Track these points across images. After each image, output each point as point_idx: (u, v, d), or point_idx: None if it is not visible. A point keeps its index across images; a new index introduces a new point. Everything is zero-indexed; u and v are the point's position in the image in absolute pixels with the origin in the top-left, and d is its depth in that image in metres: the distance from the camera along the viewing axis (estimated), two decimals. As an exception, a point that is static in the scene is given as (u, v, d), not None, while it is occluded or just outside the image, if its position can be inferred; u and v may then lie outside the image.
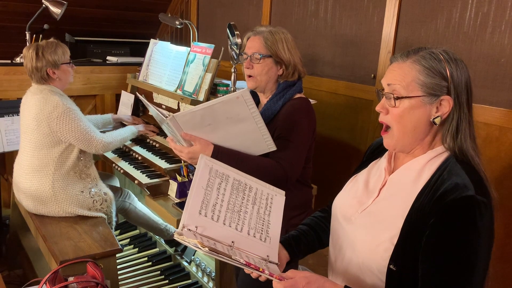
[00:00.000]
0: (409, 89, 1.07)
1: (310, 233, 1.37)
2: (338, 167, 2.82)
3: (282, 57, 1.77)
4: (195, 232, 1.06)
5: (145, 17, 4.28)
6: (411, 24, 2.34)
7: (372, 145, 1.38)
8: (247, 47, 1.82)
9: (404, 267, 1.05)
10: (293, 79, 1.82)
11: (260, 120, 1.48)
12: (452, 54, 1.09)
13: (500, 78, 1.98)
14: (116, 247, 2.11)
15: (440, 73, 1.06)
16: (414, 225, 1.04)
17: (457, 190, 1.00)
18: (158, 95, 2.82)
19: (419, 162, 1.13)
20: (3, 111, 2.81)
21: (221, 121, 1.45)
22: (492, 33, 2.00)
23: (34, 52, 2.29)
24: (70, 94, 2.44)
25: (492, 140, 2.00)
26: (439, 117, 1.07)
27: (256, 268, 1.02)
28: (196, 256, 2.58)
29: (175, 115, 1.41)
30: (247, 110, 1.42)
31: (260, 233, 1.17)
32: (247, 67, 1.80)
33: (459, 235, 0.98)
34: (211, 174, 1.22)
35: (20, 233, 2.83)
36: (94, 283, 1.60)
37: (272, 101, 1.80)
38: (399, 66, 1.10)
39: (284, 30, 1.82)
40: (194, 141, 1.50)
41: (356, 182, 1.29)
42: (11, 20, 3.68)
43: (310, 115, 1.80)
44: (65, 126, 2.25)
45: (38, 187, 2.28)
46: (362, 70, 2.64)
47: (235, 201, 1.20)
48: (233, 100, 1.38)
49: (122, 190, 2.73)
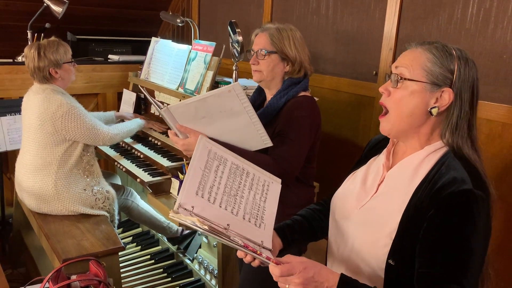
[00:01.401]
0: (414, 73, 1.09)
1: (304, 224, 1.37)
2: (340, 165, 2.81)
3: (288, 54, 1.77)
4: (191, 212, 1.06)
5: (146, 15, 4.28)
6: (413, 20, 2.33)
7: (370, 142, 1.39)
8: (254, 43, 1.84)
9: (402, 262, 1.05)
10: (298, 76, 1.82)
11: (253, 115, 1.47)
12: (465, 53, 1.11)
13: (503, 74, 1.97)
14: (118, 245, 2.11)
15: (448, 65, 1.07)
16: (412, 220, 1.05)
17: (455, 184, 1.00)
18: (160, 93, 2.82)
19: (417, 157, 1.13)
20: (5, 110, 2.82)
21: (215, 114, 1.45)
22: (494, 29, 1.99)
23: (36, 52, 2.27)
24: (72, 92, 2.45)
25: (494, 137, 1.99)
26: (436, 107, 1.08)
27: (253, 251, 1.01)
28: (199, 253, 2.58)
29: (169, 107, 1.42)
30: (240, 104, 1.42)
31: (255, 218, 1.17)
32: (253, 63, 1.81)
33: (456, 229, 0.99)
34: (210, 156, 1.22)
35: (23, 232, 2.84)
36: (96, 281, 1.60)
37: (276, 98, 1.80)
38: (412, 51, 1.13)
39: (293, 27, 1.82)
40: (189, 133, 1.51)
41: (355, 179, 1.29)
42: (13, 19, 3.68)
43: (313, 114, 1.78)
44: (71, 124, 2.25)
45: (41, 186, 2.28)
46: (364, 67, 2.63)
47: (232, 185, 1.20)
48: (225, 94, 1.39)
49: (125, 188, 2.74)
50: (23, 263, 2.87)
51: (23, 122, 2.40)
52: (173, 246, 2.88)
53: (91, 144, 2.38)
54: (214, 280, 2.44)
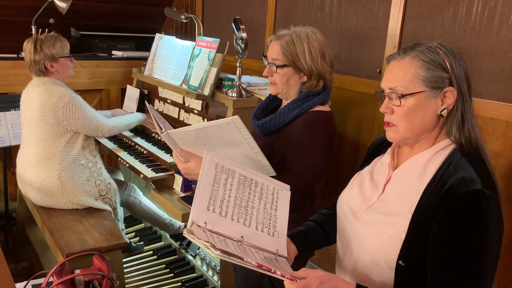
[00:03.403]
0: (412, 86, 1.07)
1: (318, 229, 1.37)
2: (343, 162, 2.82)
3: (302, 68, 1.61)
4: (204, 228, 1.06)
5: (150, 12, 4.28)
6: (417, 18, 2.32)
7: (374, 142, 1.38)
8: (268, 51, 1.68)
9: (412, 263, 1.04)
10: (317, 89, 1.65)
11: (255, 147, 1.43)
12: (449, 47, 1.09)
13: (507, 73, 1.97)
14: (121, 240, 2.12)
15: (440, 65, 1.06)
16: (422, 221, 1.04)
17: (464, 184, 0.99)
18: (164, 89, 2.82)
19: (424, 156, 1.12)
20: (10, 105, 2.83)
21: (216, 142, 1.42)
22: (499, 28, 1.98)
23: (32, 46, 2.33)
24: (76, 88, 2.46)
25: (498, 136, 1.99)
26: (445, 109, 1.07)
27: (268, 270, 1.01)
28: (201, 250, 2.59)
29: (170, 132, 1.40)
30: (240, 136, 1.39)
31: (268, 227, 1.17)
32: (266, 75, 1.69)
33: (468, 230, 0.98)
34: (217, 170, 1.21)
35: (27, 226, 2.86)
36: (100, 275, 1.61)
37: (288, 108, 1.64)
38: (398, 64, 1.10)
39: (312, 33, 1.62)
40: (190, 158, 1.47)
41: (360, 179, 1.28)
42: (17, 15, 3.69)
43: (326, 131, 1.61)
44: (72, 115, 2.28)
45: (45, 179, 2.30)
46: (368, 65, 2.63)
47: (242, 196, 1.20)
48: (225, 126, 1.36)
49: (127, 184, 2.75)
50: (26, 258, 2.89)
51: (22, 116, 2.42)
52: (175, 242, 2.89)
53: (90, 136, 2.41)
54: (216, 276, 2.45)
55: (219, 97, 2.39)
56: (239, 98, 2.28)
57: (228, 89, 2.37)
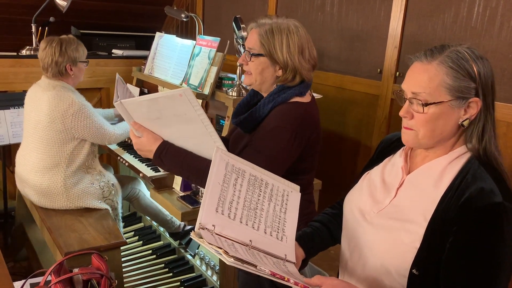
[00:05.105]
0: (436, 94, 1.02)
1: (323, 229, 1.34)
2: (343, 162, 2.81)
3: (277, 59, 1.55)
4: (212, 232, 1.02)
5: (150, 10, 4.27)
6: (418, 18, 2.32)
7: (383, 141, 1.34)
8: (247, 39, 1.63)
9: (426, 272, 1.02)
10: (293, 84, 1.58)
11: (208, 124, 1.37)
12: (477, 52, 1.05)
13: (509, 73, 1.96)
14: (120, 239, 2.12)
15: (468, 74, 1.01)
16: (438, 230, 1.01)
17: (483, 196, 0.97)
18: (164, 88, 2.81)
19: (440, 163, 1.08)
20: (9, 103, 2.82)
21: (169, 117, 1.38)
22: (500, 28, 1.98)
23: (58, 47, 2.32)
24: (75, 87, 2.45)
25: (499, 136, 1.98)
26: (467, 119, 1.04)
27: (281, 278, 0.97)
28: (200, 249, 2.58)
29: (123, 101, 1.36)
30: (192, 110, 1.34)
31: (276, 231, 1.13)
32: (241, 62, 1.64)
33: (485, 244, 0.96)
34: (228, 169, 1.15)
35: (26, 225, 2.85)
36: (99, 274, 1.61)
37: (264, 102, 1.59)
38: (424, 68, 1.04)
39: (293, 27, 1.56)
40: (142, 132, 1.44)
41: (370, 179, 1.24)
42: (17, 13, 3.68)
43: (298, 125, 1.51)
44: (81, 123, 2.28)
45: (49, 185, 2.30)
46: (368, 65, 2.62)
47: (252, 198, 1.15)
48: (176, 97, 1.31)
49: (136, 178, 2.76)
50: (25, 256, 2.88)
51: (27, 117, 2.39)
52: (174, 242, 2.89)
53: (97, 143, 2.41)
54: (215, 276, 2.45)
55: (219, 96, 2.38)
56: (239, 97, 2.28)
57: (228, 88, 2.37)
